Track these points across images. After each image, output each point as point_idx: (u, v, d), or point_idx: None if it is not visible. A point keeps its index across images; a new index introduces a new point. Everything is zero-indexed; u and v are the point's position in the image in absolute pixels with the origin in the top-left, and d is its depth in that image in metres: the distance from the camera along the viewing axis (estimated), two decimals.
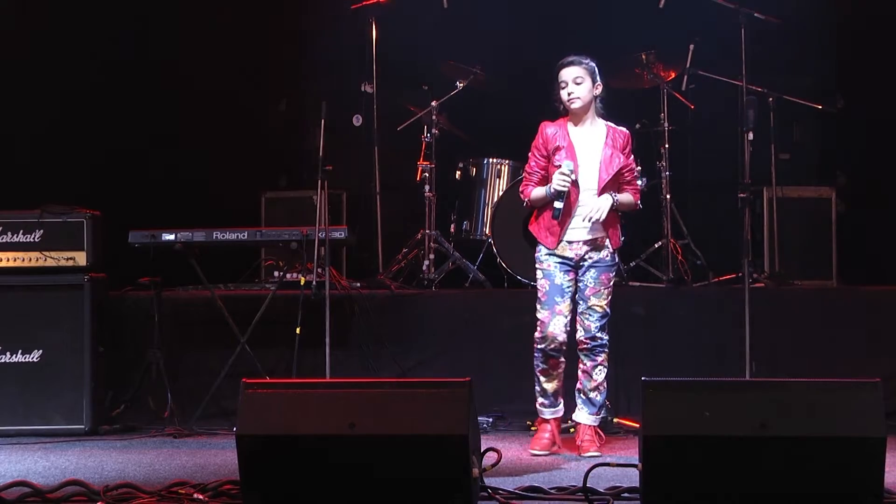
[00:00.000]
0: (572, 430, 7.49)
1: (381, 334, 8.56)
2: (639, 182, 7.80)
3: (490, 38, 10.19)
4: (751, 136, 8.42)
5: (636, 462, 5.52)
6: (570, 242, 7.13)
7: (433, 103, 9.53)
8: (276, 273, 8.98)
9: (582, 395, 7.26)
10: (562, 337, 7.11)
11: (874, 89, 9.98)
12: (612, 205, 7.08)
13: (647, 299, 8.75)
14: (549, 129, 7.19)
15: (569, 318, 7.14)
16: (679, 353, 8.41)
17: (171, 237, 8.15)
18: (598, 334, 7.14)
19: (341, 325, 8.32)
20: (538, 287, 7.22)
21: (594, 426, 7.26)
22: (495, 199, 9.38)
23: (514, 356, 8.29)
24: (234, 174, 10.18)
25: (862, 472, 5.27)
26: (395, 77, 10.11)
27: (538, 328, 7.16)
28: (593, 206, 7.04)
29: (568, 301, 7.13)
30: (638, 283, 9.15)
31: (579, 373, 7.25)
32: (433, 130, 9.50)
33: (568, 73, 7.15)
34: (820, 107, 9.67)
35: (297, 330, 8.01)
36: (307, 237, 8.07)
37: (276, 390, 5.65)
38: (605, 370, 7.21)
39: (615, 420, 7.90)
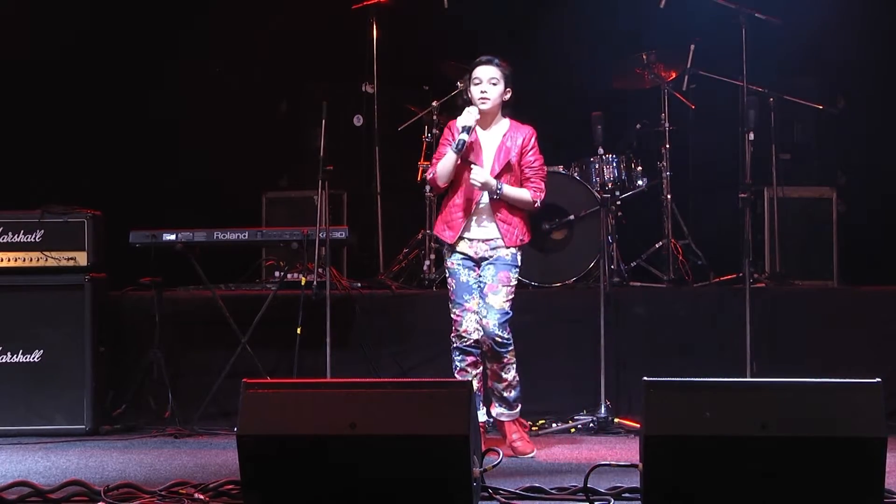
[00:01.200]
0: (572, 430, 7.51)
1: (382, 334, 8.58)
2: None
3: (490, 38, 10.18)
4: (751, 136, 8.45)
5: (637, 462, 5.52)
6: (469, 240, 7.13)
7: (434, 103, 9.53)
8: (276, 273, 8.98)
9: (495, 393, 7.23)
10: (476, 334, 7.09)
11: (875, 89, 9.98)
12: (496, 190, 7.00)
13: (647, 299, 8.75)
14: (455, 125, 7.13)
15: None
16: (679, 353, 8.41)
17: (172, 237, 8.15)
18: (498, 332, 7.05)
19: (342, 326, 8.32)
20: (448, 285, 7.23)
21: (515, 420, 7.24)
22: None
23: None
24: (235, 174, 10.17)
25: (862, 473, 5.26)
26: (396, 77, 10.11)
27: (453, 327, 7.17)
28: (480, 175, 6.98)
29: (477, 297, 7.11)
30: (638, 283, 9.15)
31: (488, 373, 7.22)
32: (434, 130, 9.50)
33: (484, 72, 7.13)
34: (821, 107, 9.67)
35: (298, 330, 8.01)
36: (308, 237, 8.08)
37: (277, 390, 5.65)
38: (514, 366, 7.15)
39: (615, 420, 7.90)
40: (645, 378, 5.54)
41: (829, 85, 10.03)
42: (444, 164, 7.06)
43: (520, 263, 7.19)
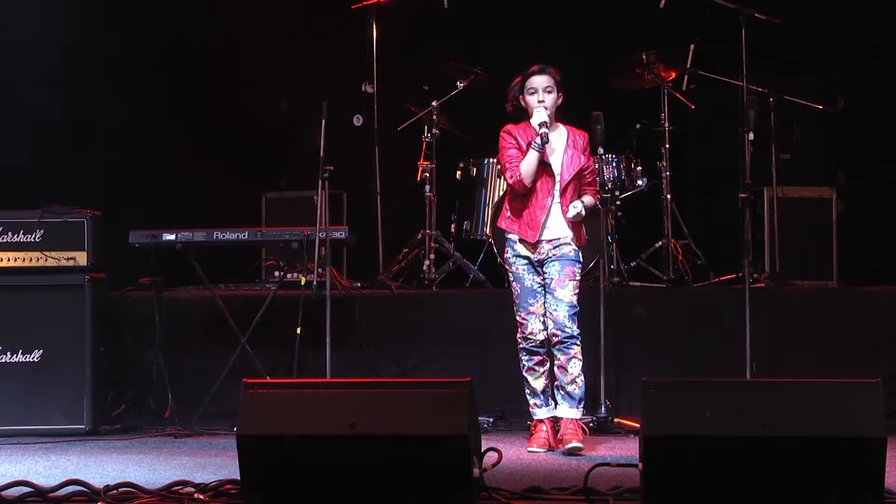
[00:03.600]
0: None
1: (382, 335, 8.57)
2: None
3: (490, 38, 10.20)
4: (751, 136, 8.41)
5: (637, 462, 5.52)
6: (535, 242, 7.30)
7: (434, 103, 9.53)
8: (276, 273, 8.98)
9: (560, 390, 7.35)
10: (541, 335, 7.31)
11: (875, 89, 9.98)
12: (583, 209, 7.32)
13: (647, 299, 8.75)
14: (516, 130, 7.40)
15: (544, 316, 7.30)
16: (679, 353, 8.42)
17: (172, 237, 8.15)
18: (567, 324, 7.24)
19: (342, 326, 8.31)
20: (512, 290, 7.41)
21: (576, 419, 7.30)
22: (496, 198, 9.37)
23: (514, 356, 8.28)
24: (235, 174, 10.17)
25: (862, 473, 5.26)
26: (396, 77, 10.11)
27: (518, 329, 7.36)
28: (574, 206, 7.27)
29: (541, 300, 7.32)
30: (638, 283, 9.15)
31: (555, 369, 7.36)
32: (434, 130, 9.51)
33: (540, 81, 7.39)
34: (821, 107, 9.66)
35: (298, 330, 8.01)
36: (308, 237, 8.08)
37: (277, 390, 5.65)
38: (581, 363, 7.29)
39: (615, 420, 7.90)
40: (645, 378, 5.55)
41: (829, 85, 10.03)
42: (529, 163, 7.26)
43: (582, 260, 7.43)
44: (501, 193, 9.31)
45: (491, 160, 9.53)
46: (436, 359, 8.51)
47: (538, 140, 7.22)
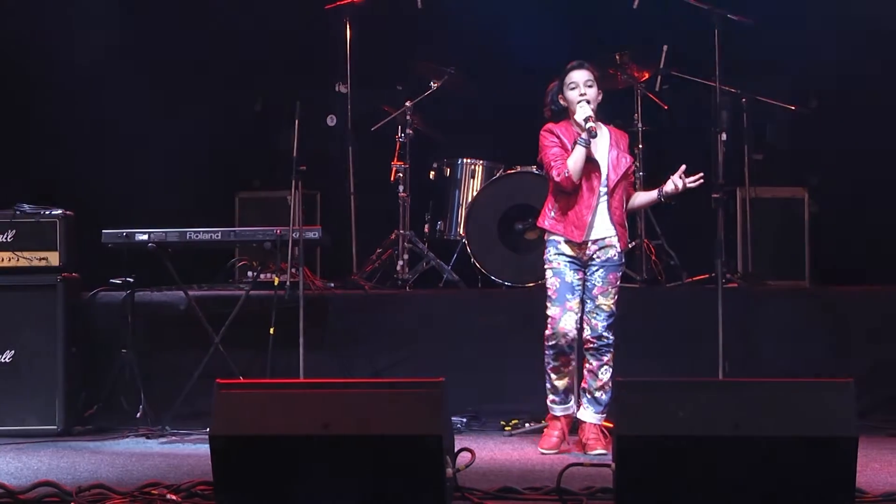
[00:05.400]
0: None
1: (355, 335, 8.57)
2: None
3: (464, 39, 10.20)
4: (724, 136, 8.47)
5: (609, 462, 5.53)
6: (581, 243, 7.22)
7: (407, 103, 9.53)
8: (249, 273, 8.95)
9: (588, 394, 7.31)
10: (572, 333, 7.19)
11: (847, 90, 10.01)
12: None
13: (621, 299, 8.72)
14: (557, 129, 7.27)
15: (579, 315, 7.23)
16: (652, 353, 8.42)
17: (145, 237, 8.13)
18: (605, 333, 7.22)
19: (315, 326, 8.30)
20: (548, 285, 7.28)
21: (599, 425, 7.29)
22: (469, 199, 9.39)
23: (488, 356, 8.31)
24: (207, 174, 10.15)
25: (834, 472, 5.28)
26: (370, 77, 10.10)
27: (548, 325, 7.22)
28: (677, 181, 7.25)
29: (578, 298, 7.23)
30: None
31: (585, 372, 7.32)
32: (407, 130, 9.50)
33: (580, 76, 7.26)
34: (793, 107, 9.69)
35: (271, 330, 7.99)
36: (281, 237, 8.06)
37: (250, 391, 5.64)
38: (611, 370, 7.25)
39: None
40: (617, 378, 5.57)
41: (802, 85, 10.06)
42: (576, 159, 7.14)
43: (624, 262, 7.40)
44: (474, 193, 9.34)
45: (464, 161, 9.54)
46: (409, 359, 8.50)
47: (584, 135, 7.09)
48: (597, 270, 7.24)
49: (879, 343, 8.48)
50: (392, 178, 9.49)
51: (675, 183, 7.22)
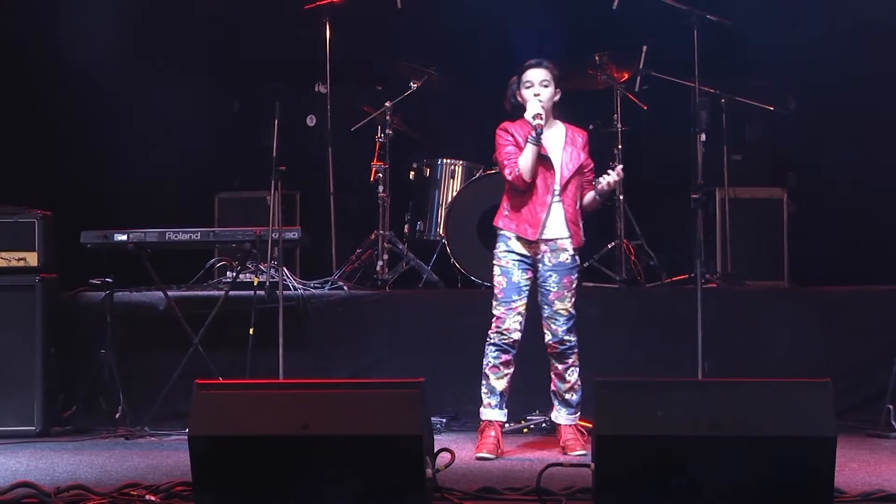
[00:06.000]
0: (525, 430, 7.54)
1: (335, 335, 8.56)
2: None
3: (444, 39, 10.20)
4: (703, 136, 8.46)
5: (589, 462, 5.53)
6: (533, 241, 7.18)
7: (387, 104, 9.52)
8: (229, 274, 8.94)
9: (557, 397, 7.31)
10: (517, 335, 7.16)
11: (826, 90, 10.04)
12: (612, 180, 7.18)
13: (600, 300, 8.77)
14: (512, 127, 7.26)
15: (525, 315, 7.19)
16: (631, 353, 8.44)
17: (124, 237, 8.12)
18: (566, 337, 7.19)
19: (294, 326, 8.30)
20: (495, 284, 7.25)
21: (575, 425, 7.29)
22: (449, 199, 9.39)
23: (468, 356, 8.28)
24: (186, 175, 10.13)
25: (813, 472, 5.30)
26: (349, 77, 10.09)
27: (493, 324, 7.20)
28: (606, 177, 7.13)
29: (525, 299, 7.18)
30: (591, 284, 9.16)
31: (552, 375, 7.31)
32: (387, 131, 9.49)
33: (535, 75, 7.23)
34: (772, 108, 9.72)
35: (251, 331, 7.98)
36: (260, 238, 8.06)
37: (229, 391, 5.64)
38: (578, 370, 7.25)
39: None
40: (596, 378, 5.57)
41: (780, 86, 10.09)
42: (526, 158, 7.11)
43: (579, 262, 7.34)
44: (454, 194, 9.34)
45: (444, 161, 9.54)
46: (389, 360, 8.50)
47: (533, 133, 7.09)
48: (550, 276, 7.18)
49: (857, 343, 8.51)
50: (372, 179, 9.48)
51: (605, 180, 7.15)
